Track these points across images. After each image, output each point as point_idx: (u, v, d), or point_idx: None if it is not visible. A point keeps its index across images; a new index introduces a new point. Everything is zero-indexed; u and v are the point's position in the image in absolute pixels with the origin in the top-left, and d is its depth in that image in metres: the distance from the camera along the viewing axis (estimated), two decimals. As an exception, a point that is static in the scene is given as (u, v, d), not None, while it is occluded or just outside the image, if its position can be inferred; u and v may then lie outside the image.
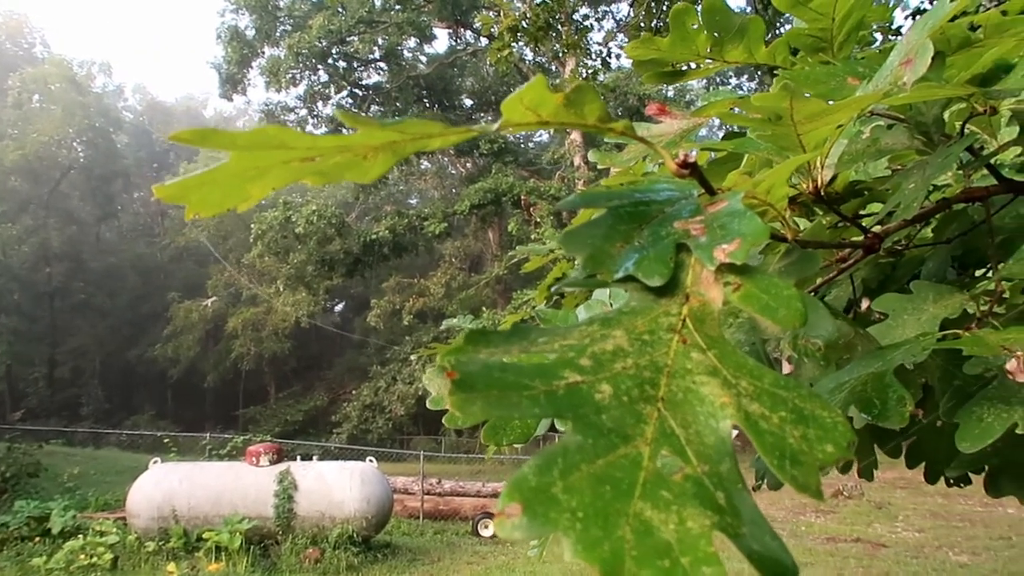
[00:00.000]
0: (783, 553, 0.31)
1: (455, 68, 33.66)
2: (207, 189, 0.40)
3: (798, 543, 12.26)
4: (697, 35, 1.02)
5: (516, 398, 0.34)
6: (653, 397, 0.36)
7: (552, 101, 0.45)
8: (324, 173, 0.47)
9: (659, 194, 0.51)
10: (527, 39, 10.26)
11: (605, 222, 0.48)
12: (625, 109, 28.01)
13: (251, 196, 0.43)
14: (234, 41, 29.65)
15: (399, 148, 0.47)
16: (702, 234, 0.45)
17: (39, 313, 40.62)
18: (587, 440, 0.33)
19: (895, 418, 0.66)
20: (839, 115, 0.62)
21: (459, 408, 0.33)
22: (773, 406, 0.36)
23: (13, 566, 10.56)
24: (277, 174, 0.42)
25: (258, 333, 38.28)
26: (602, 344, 0.39)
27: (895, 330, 0.87)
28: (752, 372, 0.38)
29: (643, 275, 0.42)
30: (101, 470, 19.92)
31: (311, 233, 27.11)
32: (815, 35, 1.05)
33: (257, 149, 0.39)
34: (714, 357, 0.38)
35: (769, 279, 0.41)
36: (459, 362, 0.35)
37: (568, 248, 0.46)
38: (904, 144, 1.01)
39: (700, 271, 0.43)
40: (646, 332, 0.40)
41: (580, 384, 0.36)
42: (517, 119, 0.45)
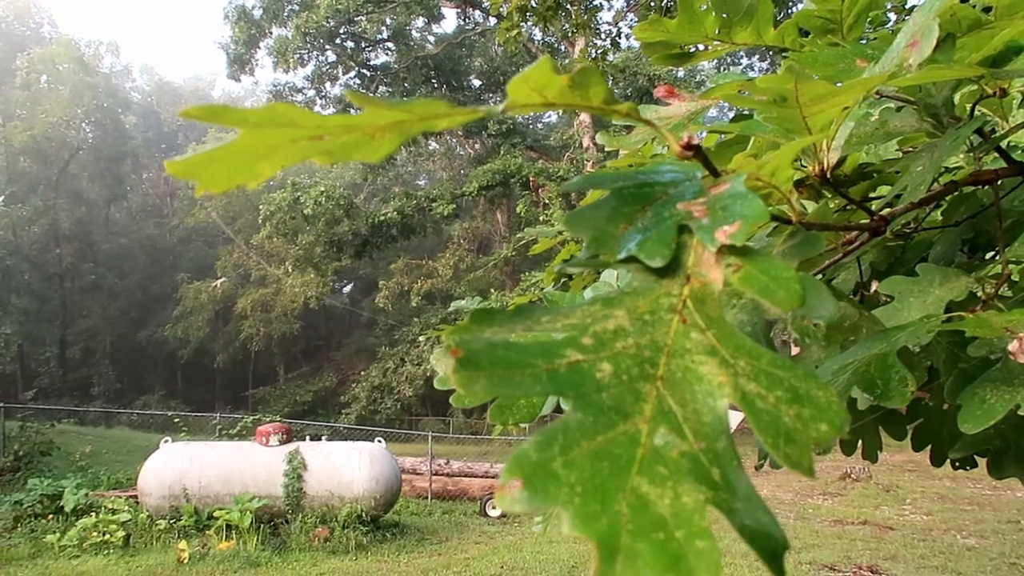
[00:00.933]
0: (775, 528, 0.32)
1: (463, 48, 33.47)
2: (217, 166, 0.41)
3: (805, 525, 12.31)
4: (705, 17, 1.02)
5: (519, 376, 0.35)
6: (652, 376, 0.37)
7: (558, 83, 0.45)
8: (332, 152, 0.48)
9: (663, 176, 0.51)
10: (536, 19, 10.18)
11: (609, 203, 0.48)
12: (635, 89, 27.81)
13: (261, 173, 0.44)
14: (241, 21, 29.54)
15: (406, 128, 0.47)
16: (704, 215, 0.45)
17: (50, 294, 40.91)
18: (587, 417, 0.34)
19: (897, 398, 0.67)
20: (845, 97, 0.62)
21: (463, 386, 0.34)
22: (770, 386, 0.36)
23: (27, 543, 10.72)
24: (286, 152, 0.43)
25: (267, 314, 38.49)
26: (604, 323, 0.39)
27: (901, 312, 0.87)
28: (750, 352, 0.38)
29: (645, 256, 0.43)
30: (113, 449, 20.14)
31: (319, 214, 27.16)
32: (825, 16, 1.04)
33: (267, 127, 0.39)
34: (713, 337, 0.39)
35: (769, 261, 0.41)
36: (463, 340, 0.36)
37: (572, 229, 0.46)
38: (913, 127, 1.01)
39: (702, 252, 0.44)
40: (647, 312, 0.40)
41: (581, 363, 0.37)
42: (523, 100, 0.45)
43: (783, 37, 1.07)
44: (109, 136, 44.18)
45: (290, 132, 0.40)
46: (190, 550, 9.95)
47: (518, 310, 0.42)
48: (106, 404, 35.25)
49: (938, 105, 0.96)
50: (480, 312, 0.41)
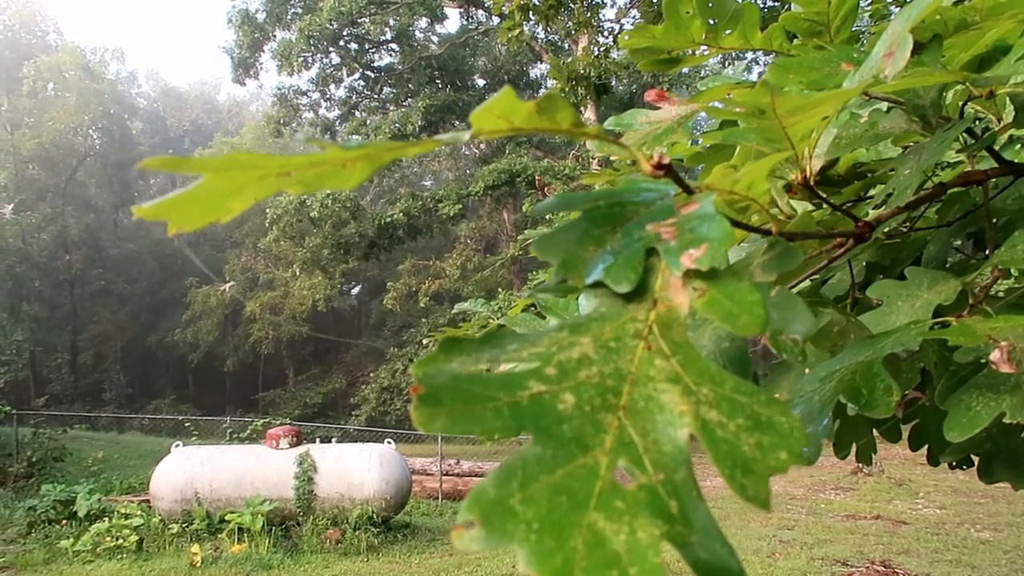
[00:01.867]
0: (731, 560, 0.32)
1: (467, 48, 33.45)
2: (187, 206, 0.41)
3: (817, 520, 12.27)
4: (691, 22, 1.02)
5: (480, 411, 0.35)
6: (615, 406, 0.37)
7: (524, 109, 0.45)
8: (305, 183, 0.48)
9: (636, 195, 0.52)
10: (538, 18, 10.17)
11: (579, 225, 0.48)
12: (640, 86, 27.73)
13: (231, 210, 0.44)
14: (245, 25, 29.62)
15: (375, 157, 0.47)
16: (672, 238, 0.45)
17: (60, 300, 41.16)
18: (547, 451, 0.34)
19: (881, 407, 0.67)
20: (822, 108, 0.61)
21: (422, 424, 0.34)
22: (731, 413, 0.36)
23: (42, 548, 10.80)
24: (255, 188, 0.43)
25: (276, 317, 38.62)
26: (569, 352, 0.40)
27: (889, 317, 0.87)
28: (714, 378, 0.38)
29: (611, 281, 0.43)
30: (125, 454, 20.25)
31: (326, 217, 27.21)
32: (811, 19, 1.04)
33: (231, 170, 0.39)
34: (677, 364, 0.39)
35: (735, 284, 0.41)
36: (426, 375, 0.36)
37: (542, 253, 0.46)
38: (902, 128, 1.00)
39: (669, 276, 0.44)
40: (612, 339, 0.41)
41: (544, 394, 0.37)
42: (489, 127, 0.45)
43: (770, 40, 1.06)
44: (116, 142, 44.41)
45: (255, 172, 0.40)
46: (203, 554, 10.00)
47: (487, 338, 0.42)
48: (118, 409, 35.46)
49: (926, 106, 0.96)
50: (448, 341, 0.41)
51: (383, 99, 32.97)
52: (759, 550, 10.28)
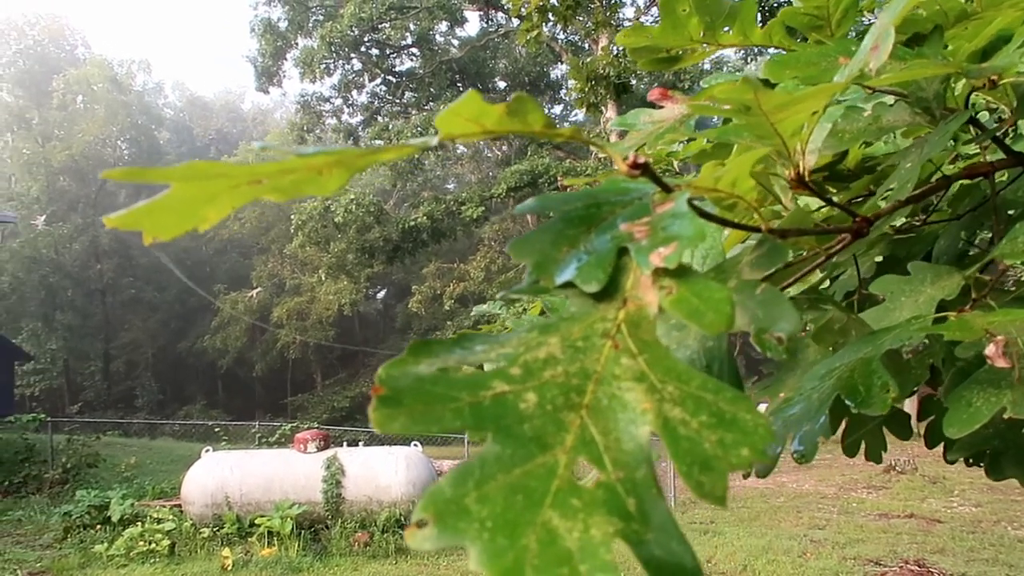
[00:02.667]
0: (687, 558, 0.32)
1: (487, 50, 33.53)
2: (159, 215, 0.42)
3: (849, 520, 12.11)
4: (688, 20, 1.01)
5: (440, 411, 0.35)
6: (578, 404, 0.37)
7: (494, 112, 0.46)
8: (282, 190, 0.49)
9: (613, 195, 0.52)
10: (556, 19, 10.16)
11: (555, 226, 0.48)
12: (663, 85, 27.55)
13: (208, 218, 0.45)
14: (267, 34, 29.96)
15: (351, 163, 0.48)
16: (645, 237, 0.45)
17: (92, 309, 41.92)
18: (506, 450, 0.34)
19: (877, 405, 0.66)
20: (809, 103, 0.61)
21: (379, 424, 0.34)
22: (696, 410, 0.36)
23: (77, 553, 11.00)
24: (229, 197, 0.44)
25: (303, 322, 38.98)
26: (535, 352, 0.40)
27: (892, 313, 0.86)
28: (681, 376, 0.38)
29: (581, 281, 0.43)
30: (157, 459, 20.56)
31: (350, 222, 27.41)
32: (811, 13, 1.03)
33: (196, 180, 0.40)
34: (644, 362, 0.39)
35: (704, 282, 0.41)
36: (390, 376, 0.37)
37: (517, 255, 0.47)
38: (906, 121, 0.99)
39: (639, 275, 0.44)
40: (580, 338, 0.41)
41: (507, 394, 0.37)
42: (459, 131, 0.46)
43: (770, 36, 1.06)
44: (144, 152, 45.17)
45: (225, 180, 0.41)
46: (233, 557, 10.12)
47: (457, 339, 0.43)
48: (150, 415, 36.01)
49: (929, 98, 0.94)
50: (419, 344, 0.42)
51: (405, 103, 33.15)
52: (789, 550, 10.17)
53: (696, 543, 10.73)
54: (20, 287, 37.04)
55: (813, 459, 0.68)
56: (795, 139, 0.69)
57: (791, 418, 0.76)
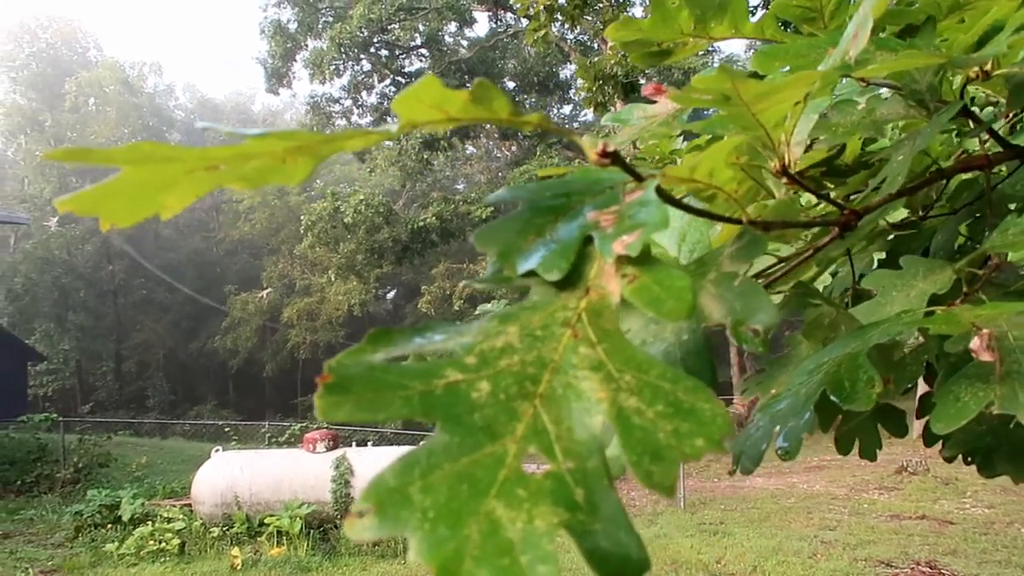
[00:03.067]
0: (633, 549, 0.31)
1: (496, 51, 33.54)
2: (114, 200, 0.42)
3: (860, 521, 12.03)
4: (678, 13, 1.00)
5: (389, 398, 0.34)
6: (532, 394, 0.36)
7: (459, 98, 0.45)
8: (246, 178, 0.48)
9: (583, 185, 0.51)
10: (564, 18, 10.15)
11: (522, 216, 0.48)
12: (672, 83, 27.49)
13: (167, 205, 0.45)
14: (277, 35, 30.08)
15: (315, 150, 0.47)
16: (611, 225, 0.44)
17: (104, 310, 42.22)
18: (454, 439, 0.34)
19: (862, 400, 0.65)
20: (789, 92, 0.60)
21: (323, 412, 0.34)
22: (652, 400, 0.35)
23: (88, 552, 11.07)
24: (189, 183, 0.43)
25: (313, 322, 39.12)
26: (493, 341, 0.39)
27: (884, 307, 0.84)
28: (640, 365, 0.37)
29: (543, 269, 0.42)
30: (167, 459, 20.66)
31: (359, 222, 27.50)
32: (804, 5, 1.02)
33: (145, 164, 0.40)
34: (603, 351, 0.38)
35: (666, 271, 0.40)
36: (340, 365, 0.36)
37: (481, 245, 0.46)
38: (900, 114, 0.98)
39: (603, 264, 0.43)
40: (540, 327, 0.40)
41: (459, 383, 0.36)
42: (422, 118, 0.45)
43: (763, 29, 1.04)
44: (155, 154, 45.45)
45: (177, 165, 0.41)
46: (243, 557, 10.15)
47: (417, 328, 0.42)
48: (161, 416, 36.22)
49: (923, 90, 0.93)
50: (378, 333, 0.41)
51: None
52: (800, 551, 10.12)
53: (705, 544, 10.68)
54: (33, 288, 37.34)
55: (797, 455, 0.67)
56: (778, 130, 0.68)
57: (778, 413, 0.75)
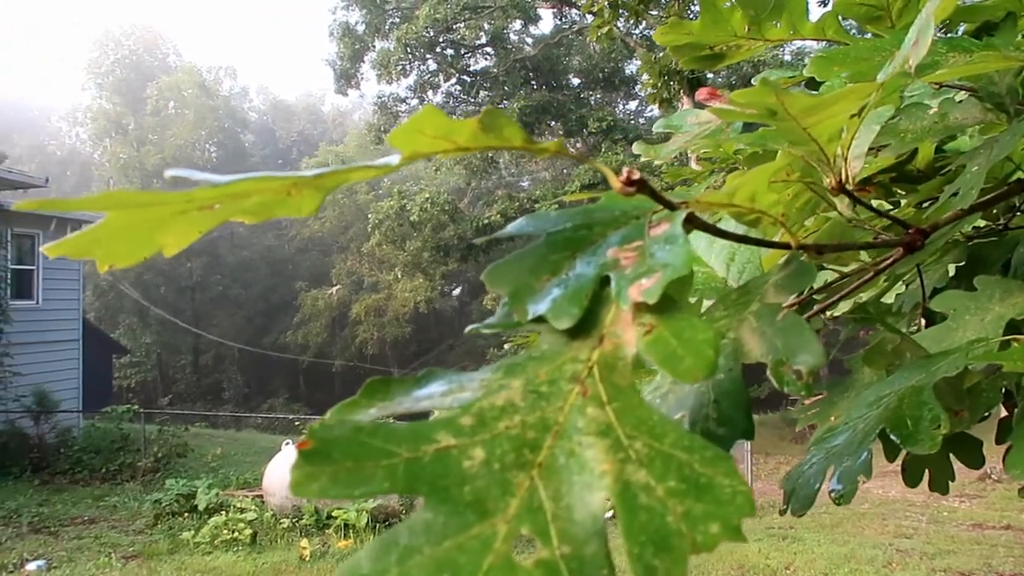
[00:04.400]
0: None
1: (561, 47, 33.37)
2: (106, 244, 0.40)
3: (939, 530, 11.53)
4: (731, 15, 0.95)
5: (371, 470, 0.31)
6: (530, 463, 0.33)
7: (466, 128, 0.42)
8: (251, 212, 0.46)
9: (608, 215, 0.47)
10: (629, 14, 10.01)
11: (537, 251, 0.44)
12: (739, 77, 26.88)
13: (166, 244, 0.43)
14: (346, 37, 30.66)
15: (319, 183, 0.45)
16: (631, 265, 0.40)
17: (183, 305, 43.92)
18: (438, 518, 0.30)
19: (925, 442, 0.59)
20: (841, 106, 0.55)
21: (295, 488, 0.31)
22: (663, 473, 0.31)
23: (165, 539, 11.52)
24: (183, 224, 0.41)
25: (380, 319, 39.82)
26: (494, 397, 0.36)
27: (955, 332, 0.77)
28: (653, 430, 0.33)
29: (552, 316, 0.38)
30: (241, 450, 21.31)
31: (425, 220, 27.82)
32: (869, 4, 0.94)
33: (122, 209, 0.38)
34: (612, 412, 0.34)
35: (688, 321, 0.36)
36: (324, 427, 0.33)
37: (492, 284, 0.42)
38: (976, 118, 0.90)
39: (620, 309, 0.39)
40: (546, 382, 0.36)
41: (451, 449, 0.33)
42: (426, 149, 0.42)
43: (823, 29, 0.98)
44: (230, 155, 47.07)
45: (163, 208, 0.39)
46: (311, 548, 10.39)
47: (418, 378, 0.39)
48: (235, 408, 37.44)
49: (1002, 92, 0.85)
50: (376, 383, 0.38)
51: (479, 102, 33.35)
52: (874, 559, 9.75)
53: (774, 548, 10.39)
54: (117, 284, 39.13)
55: (851, 501, 0.62)
56: (833, 144, 0.62)
57: (834, 450, 0.70)
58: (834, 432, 0.72)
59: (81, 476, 16.45)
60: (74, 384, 19.97)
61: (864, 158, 0.68)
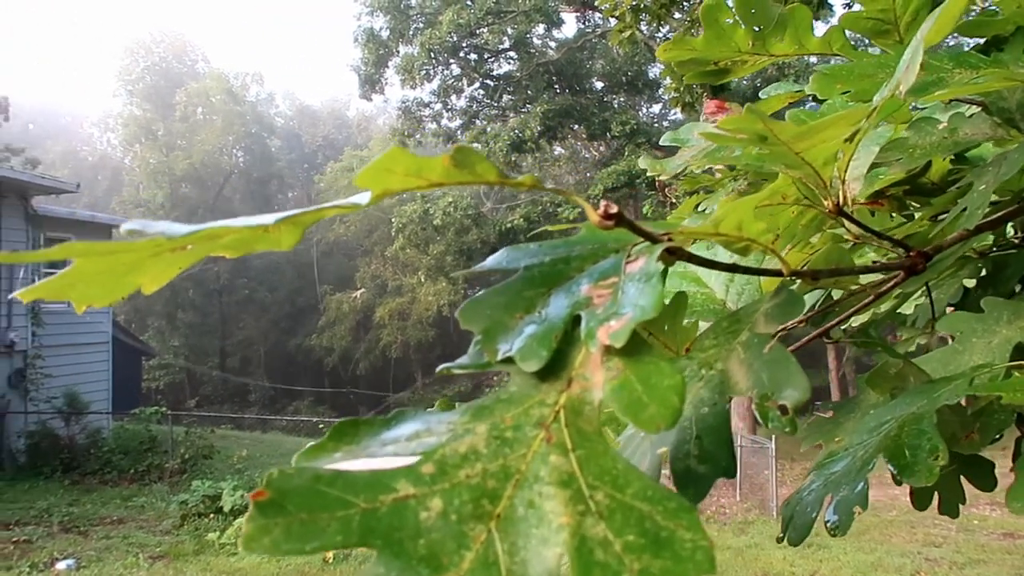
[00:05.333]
0: None
1: (584, 51, 33.33)
2: (81, 288, 0.40)
3: (969, 538, 11.32)
4: (734, 31, 0.93)
5: (325, 522, 0.31)
6: (488, 514, 0.32)
7: (438, 165, 0.41)
8: (231, 247, 0.46)
9: (587, 248, 0.46)
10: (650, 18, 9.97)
11: (513, 287, 0.43)
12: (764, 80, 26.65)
13: (144, 283, 0.43)
14: (370, 43, 30.88)
15: (296, 220, 0.45)
16: (603, 303, 0.40)
17: (210, 308, 44.50)
18: (390, 573, 0.30)
19: (922, 474, 0.57)
20: (831, 132, 0.53)
21: (246, 542, 0.30)
22: (623, 527, 0.31)
23: (192, 540, 11.65)
24: (157, 264, 0.42)
25: (404, 322, 40.01)
26: (457, 444, 0.35)
27: (961, 356, 0.75)
28: (616, 480, 0.33)
29: (519, 357, 0.38)
30: (267, 453, 21.51)
31: (448, 224, 27.93)
32: (876, 17, 0.92)
33: (86, 256, 0.38)
34: (576, 460, 0.34)
35: (655, 365, 0.35)
36: (282, 476, 0.33)
37: (466, 321, 0.42)
38: (986, 134, 0.88)
39: (590, 350, 0.38)
40: (511, 427, 0.36)
41: (409, 499, 0.33)
42: (398, 186, 0.42)
43: (830, 44, 0.96)
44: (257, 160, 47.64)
45: (130, 255, 0.39)
46: (334, 551, 10.45)
47: (387, 419, 0.39)
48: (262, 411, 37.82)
49: (1012, 108, 0.83)
50: (344, 425, 0.38)
51: (503, 107, 33.43)
52: (901, 568, 9.60)
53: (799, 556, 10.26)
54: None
55: (847, 532, 0.60)
56: (828, 167, 0.61)
57: (832, 477, 0.68)
58: (834, 458, 0.71)
59: (110, 476, 16.71)
60: (104, 386, 20.29)
61: (863, 179, 0.67)
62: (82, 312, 0.41)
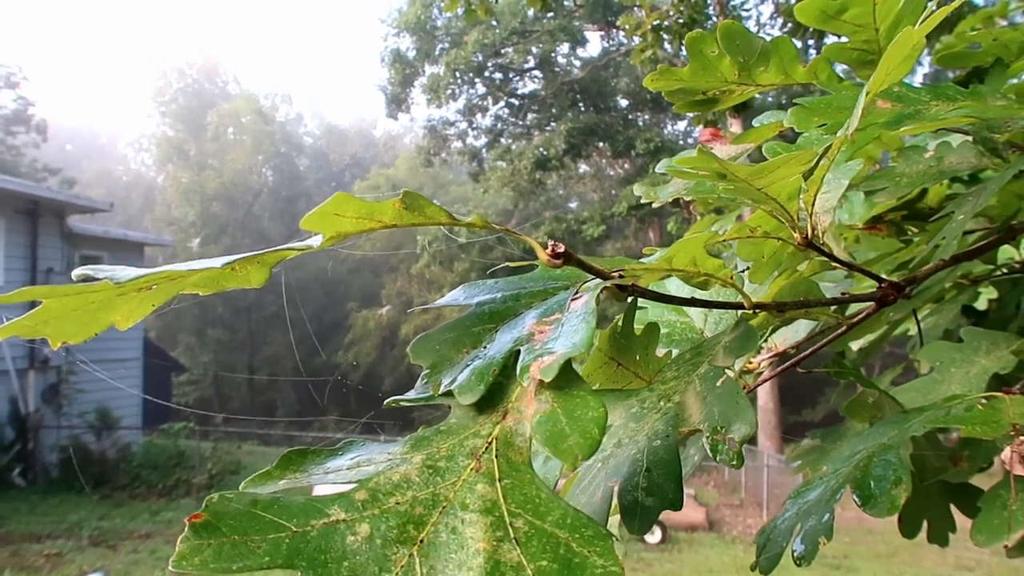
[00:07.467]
0: None
1: (609, 69, 33.47)
2: (55, 324, 0.43)
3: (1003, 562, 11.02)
4: (719, 61, 0.95)
5: (255, 544, 0.33)
6: (412, 539, 0.34)
7: (390, 208, 0.44)
8: (201, 285, 0.49)
9: (539, 285, 0.48)
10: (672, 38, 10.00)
11: (463, 323, 0.46)
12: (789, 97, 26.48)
13: (118, 321, 0.46)
14: (397, 63, 31.31)
15: (261, 259, 0.48)
16: (543, 339, 0.42)
17: (239, 325, 45.06)
18: (312, 595, 0.32)
19: (883, 506, 0.58)
20: (784, 171, 0.55)
21: (177, 561, 0.33)
22: (538, 552, 0.33)
23: (216, 556, 11.75)
24: (127, 303, 0.44)
25: (429, 339, 40.17)
26: (392, 472, 0.37)
27: (939, 386, 0.76)
28: (537, 508, 0.34)
29: (458, 391, 0.40)
30: (292, 469, 21.64)
31: (473, 242, 28.03)
32: (859, 48, 0.94)
33: (54, 297, 0.41)
34: (501, 489, 0.36)
35: (581, 400, 0.37)
36: (222, 500, 0.35)
37: (415, 355, 0.44)
38: (971, 163, 0.88)
39: (526, 384, 0.40)
40: (445, 457, 0.38)
41: (339, 524, 0.35)
42: (352, 228, 0.44)
43: (815, 74, 0.97)
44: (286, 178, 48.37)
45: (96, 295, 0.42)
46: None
47: (335, 448, 0.41)
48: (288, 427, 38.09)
49: (995, 137, 0.84)
50: (293, 454, 0.40)
51: (527, 125, 33.64)
52: None
53: (826, 581, 10.06)
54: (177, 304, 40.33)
55: (812, 562, 0.61)
56: (793, 202, 0.62)
57: (804, 506, 0.69)
58: (809, 486, 0.72)
59: (139, 491, 16.92)
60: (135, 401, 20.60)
61: (832, 212, 0.68)
62: (56, 348, 0.44)
